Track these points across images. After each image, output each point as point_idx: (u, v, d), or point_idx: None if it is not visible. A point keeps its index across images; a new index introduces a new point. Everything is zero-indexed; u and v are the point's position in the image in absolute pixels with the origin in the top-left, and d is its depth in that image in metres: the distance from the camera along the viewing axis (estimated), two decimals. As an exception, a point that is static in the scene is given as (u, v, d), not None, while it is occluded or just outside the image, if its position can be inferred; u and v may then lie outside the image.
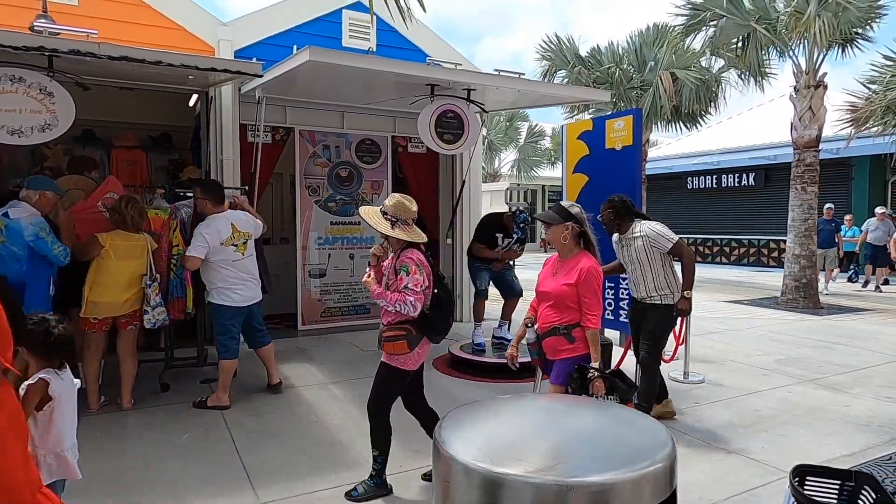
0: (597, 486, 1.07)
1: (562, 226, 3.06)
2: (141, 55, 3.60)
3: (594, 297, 2.97)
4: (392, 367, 3.15)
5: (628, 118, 5.94)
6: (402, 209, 3.09)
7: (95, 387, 4.33)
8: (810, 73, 9.56)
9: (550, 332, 3.07)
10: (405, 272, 2.99)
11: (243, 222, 4.51)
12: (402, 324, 3.05)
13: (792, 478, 1.81)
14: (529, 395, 1.56)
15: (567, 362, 3.04)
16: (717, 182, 16.84)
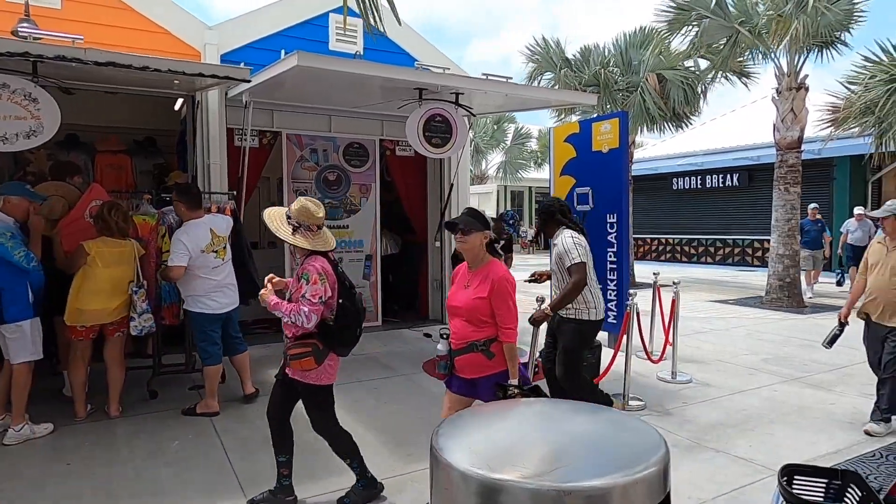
0: (593, 491, 1.09)
1: (481, 234, 2.80)
2: (127, 60, 3.57)
3: (508, 308, 2.76)
4: (310, 385, 3.02)
5: (615, 121, 5.99)
6: (305, 214, 2.91)
7: (82, 395, 4.28)
8: (791, 75, 9.71)
9: (467, 349, 2.83)
10: (305, 281, 2.84)
11: (222, 227, 4.45)
12: (308, 339, 2.90)
13: (780, 477, 1.84)
14: (523, 401, 1.58)
15: (492, 380, 2.81)
16: (702, 183, 17.01)
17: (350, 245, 7.54)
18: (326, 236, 3.02)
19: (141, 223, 4.48)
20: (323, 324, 2.92)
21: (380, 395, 4.94)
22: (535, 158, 23.39)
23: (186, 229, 4.24)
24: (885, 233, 4.25)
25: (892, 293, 4.09)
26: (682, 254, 17.80)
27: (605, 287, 5.94)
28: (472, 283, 2.84)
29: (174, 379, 5.08)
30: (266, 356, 6.05)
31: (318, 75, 4.69)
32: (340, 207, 7.46)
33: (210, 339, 4.40)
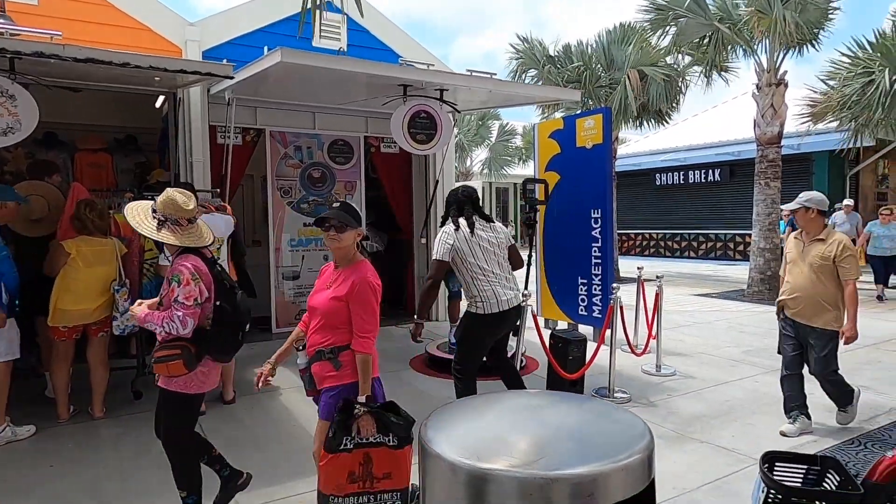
0: (579, 478, 1.11)
1: (355, 231, 2.55)
2: (108, 57, 3.52)
3: (367, 313, 2.48)
4: (173, 392, 2.67)
5: (598, 117, 6.04)
6: (172, 207, 2.60)
7: (65, 396, 4.23)
8: (771, 71, 9.84)
9: (316, 357, 2.56)
10: (177, 283, 2.54)
11: (220, 227, 4.44)
12: (177, 341, 2.58)
13: (762, 464, 1.88)
14: (510, 393, 1.60)
15: (332, 393, 2.55)
16: (685, 178, 17.20)
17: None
18: (201, 231, 2.72)
19: (123, 222, 4.41)
20: (198, 328, 2.61)
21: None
22: (519, 155, 23.46)
23: None
24: (799, 226, 4.03)
25: (814, 291, 3.84)
26: (666, 248, 17.99)
27: (589, 281, 6.00)
28: (335, 284, 2.56)
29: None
30: (250, 355, 6.00)
31: (301, 72, 4.67)
32: (325, 205, 7.43)
33: None
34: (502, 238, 3.84)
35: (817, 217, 3.87)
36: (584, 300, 6.10)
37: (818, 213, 3.86)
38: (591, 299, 6.02)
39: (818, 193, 3.96)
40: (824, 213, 3.89)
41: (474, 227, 3.73)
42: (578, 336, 4.78)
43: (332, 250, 2.61)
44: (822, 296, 3.81)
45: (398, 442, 2.49)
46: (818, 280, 3.82)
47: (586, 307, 6.07)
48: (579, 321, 6.23)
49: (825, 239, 3.84)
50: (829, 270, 3.79)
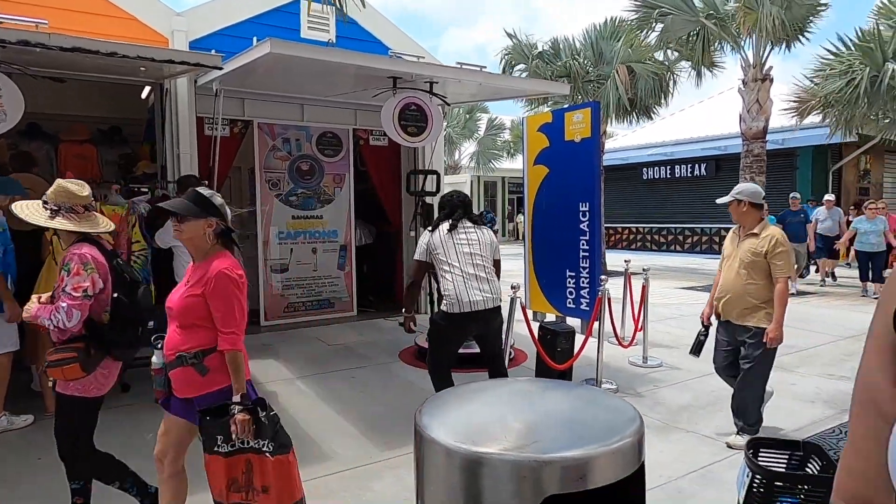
0: (570, 461, 1.14)
1: (203, 221, 2.30)
2: (95, 46, 3.48)
3: (229, 308, 2.26)
4: (70, 397, 2.52)
5: (586, 111, 6.07)
6: (64, 195, 2.49)
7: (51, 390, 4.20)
8: (757, 66, 9.95)
9: (176, 362, 2.31)
10: (66, 272, 2.39)
11: None
12: (74, 341, 2.42)
13: (747, 450, 1.93)
14: (504, 380, 1.62)
15: (206, 400, 2.32)
16: (671, 172, 17.34)
17: (324, 235, 7.50)
18: (98, 219, 2.59)
19: (110, 214, 4.38)
20: (93, 324, 2.46)
21: (356, 384, 4.96)
22: (507, 149, 23.51)
23: None
24: (734, 220, 3.82)
25: (743, 289, 3.62)
26: (653, 242, 18.14)
27: (577, 274, 6.05)
28: (192, 279, 2.35)
29: (147, 372, 5.00)
30: (240, 348, 6.00)
31: (290, 63, 4.64)
32: (314, 197, 7.41)
33: None
34: (486, 242, 3.83)
35: (749, 210, 3.66)
36: (571, 293, 6.14)
37: (750, 206, 3.66)
38: (578, 292, 6.06)
39: (751, 185, 3.80)
40: (757, 206, 3.67)
41: (455, 228, 3.75)
42: (567, 328, 4.83)
43: (182, 242, 2.43)
44: (752, 294, 3.58)
45: (273, 449, 2.26)
46: (749, 277, 3.59)
47: (574, 300, 6.12)
48: (567, 313, 6.28)
49: (759, 233, 3.62)
50: (760, 267, 3.57)
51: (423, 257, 3.80)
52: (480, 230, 3.85)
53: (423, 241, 3.81)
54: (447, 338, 3.82)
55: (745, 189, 3.73)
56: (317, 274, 7.44)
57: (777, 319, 3.51)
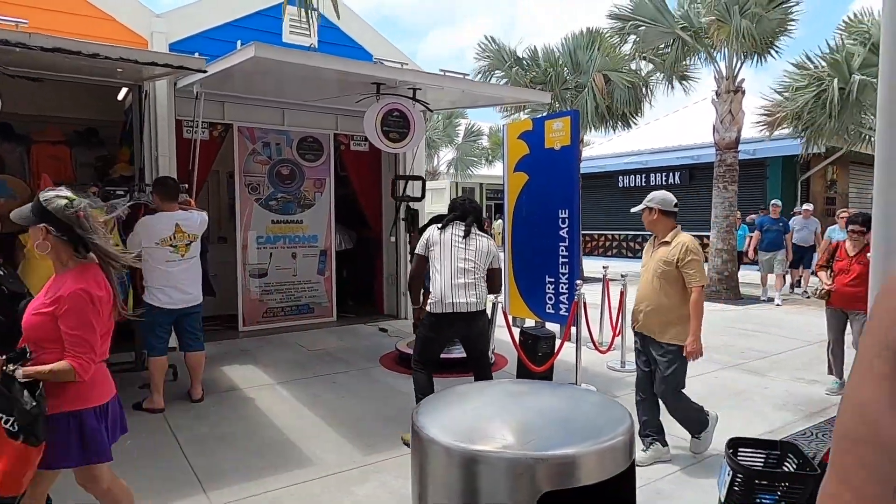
0: (565, 459, 1.17)
1: (39, 229, 2.11)
2: (76, 47, 3.43)
3: (78, 329, 2.06)
4: None
5: (566, 119, 6.16)
6: None
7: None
8: (730, 78, 10.22)
9: None
10: None
11: (194, 224, 4.41)
12: None
13: (727, 449, 1.99)
14: (493, 382, 1.65)
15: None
16: (647, 180, 17.64)
17: (304, 240, 7.47)
18: None
19: (88, 216, 4.32)
20: None
21: (338, 389, 4.95)
22: (486, 155, 23.64)
23: (147, 219, 4.31)
24: (646, 228, 3.71)
25: (657, 301, 3.46)
26: (628, 249, 18.41)
27: (556, 280, 6.12)
28: (49, 294, 2.15)
29: (124, 377, 4.92)
30: (217, 354, 5.94)
31: (273, 67, 4.63)
32: (294, 202, 7.38)
33: (153, 332, 4.36)
34: (483, 250, 3.88)
35: (660, 218, 3.55)
36: (551, 298, 6.21)
37: (661, 214, 3.54)
38: (558, 298, 6.13)
39: (662, 193, 3.67)
40: (669, 213, 3.56)
41: (465, 231, 3.85)
42: (547, 333, 4.89)
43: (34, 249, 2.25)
44: (665, 306, 3.43)
45: (16, 429, 1.98)
46: (661, 288, 3.45)
47: (553, 305, 6.19)
48: (546, 319, 6.35)
49: (670, 241, 3.48)
50: (672, 277, 3.41)
51: (422, 251, 3.90)
52: (480, 238, 3.92)
53: (426, 235, 3.92)
54: (427, 335, 3.89)
55: (656, 196, 3.62)
56: (296, 279, 7.40)
57: (694, 331, 3.37)
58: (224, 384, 5.06)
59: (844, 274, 4.88)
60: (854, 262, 4.84)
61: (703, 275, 3.41)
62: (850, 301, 4.81)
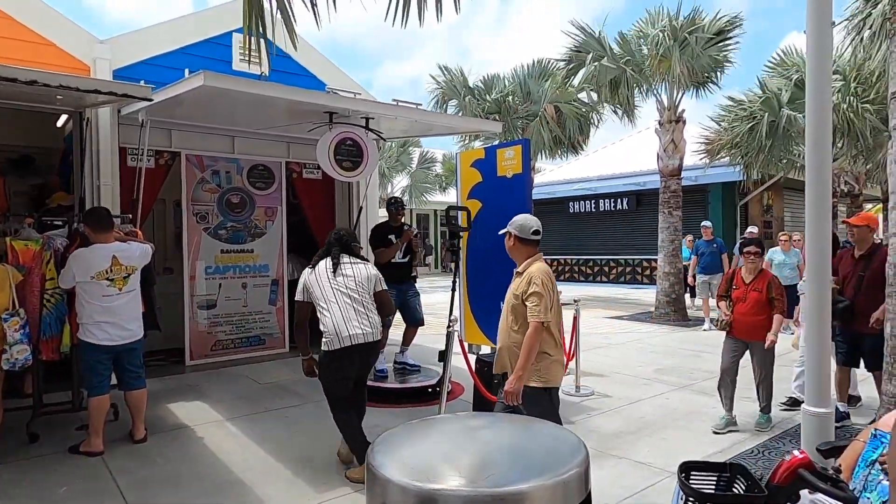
0: (522, 494, 1.17)
1: None
2: (11, 73, 3.29)
3: None
4: None
5: (518, 147, 6.29)
6: None
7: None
8: (671, 109, 10.70)
9: None
10: None
11: (128, 255, 4.21)
12: None
13: (679, 474, 2.03)
14: (450, 416, 1.63)
15: None
16: (595, 206, 18.13)
17: (255, 269, 7.30)
18: None
19: (22, 249, 4.10)
20: None
21: (290, 424, 4.80)
22: (439, 182, 23.84)
23: (81, 252, 4.08)
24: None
25: (509, 339, 3.14)
26: (580, 273, 18.78)
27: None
28: None
29: (59, 419, 4.64)
30: (162, 390, 5.69)
31: (223, 95, 4.57)
32: (244, 231, 7.22)
33: (93, 370, 4.11)
34: (364, 276, 3.79)
35: (517, 245, 3.21)
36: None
37: (517, 241, 3.20)
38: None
39: (524, 217, 3.28)
40: (525, 241, 3.19)
41: (333, 264, 3.75)
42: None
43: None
44: (516, 344, 3.06)
45: None
46: (513, 324, 3.12)
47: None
48: (502, 345, 6.37)
49: (522, 273, 3.15)
50: (521, 312, 3.06)
51: (302, 297, 3.78)
52: (356, 265, 3.82)
53: (301, 281, 3.80)
54: (331, 375, 3.77)
55: (516, 221, 3.25)
56: (247, 309, 7.21)
57: (517, 369, 2.97)
58: (169, 422, 4.83)
59: (742, 303, 4.66)
60: (750, 289, 4.64)
61: (546, 311, 2.97)
62: (749, 331, 4.62)
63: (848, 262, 4.77)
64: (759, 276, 4.68)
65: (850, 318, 4.60)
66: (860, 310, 4.53)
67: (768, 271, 4.94)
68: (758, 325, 4.55)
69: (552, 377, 3.14)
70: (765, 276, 4.69)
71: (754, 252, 4.73)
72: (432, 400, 5.24)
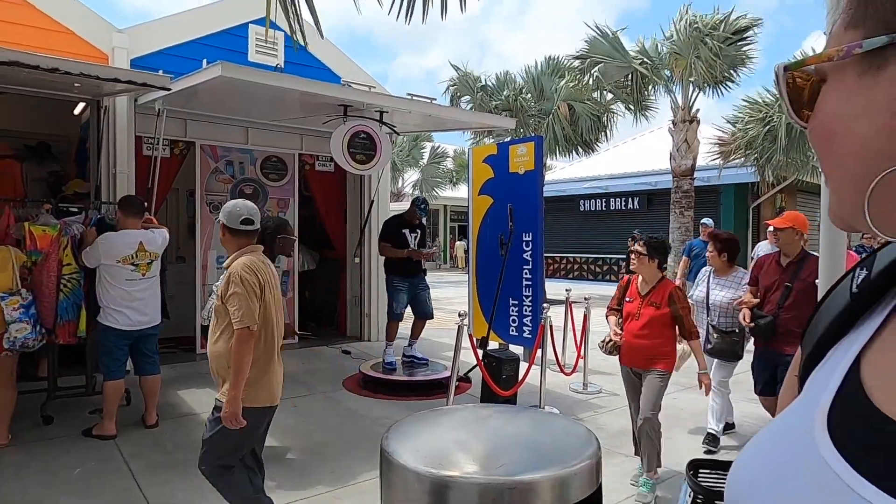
0: (535, 483, 1.18)
1: None
2: (34, 61, 3.34)
3: None
4: None
5: (530, 144, 6.29)
6: None
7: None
8: (685, 109, 10.64)
9: None
10: None
11: (157, 243, 4.32)
12: None
13: (688, 471, 2.04)
14: (460, 407, 1.65)
15: None
16: (606, 205, 18.07)
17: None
18: None
19: (40, 234, 4.16)
20: None
21: (299, 414, 4.84)
22: (450, 177, 23.85)
23: (109, 235, 4.20)
24: None
25: (213, 349, 2.75)
26: (589, 272, 18.74)
27: (520, 303, 6.18)
28: None
29: (73, 403, 4.71)
30: (173, 377, 5.76)
31: (239, 86, 4.60)
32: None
33: (111, 355, 4.20)
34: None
35: (227, 238, 2.81)
36: (514, 321, 6.26)
37: (227, 232, 2.79)
38: (521, 320, 6.18)
39: (232, 203, 2.86)
40: (234, 231, 2.77)
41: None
42: (511, 355, 4.92)
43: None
44: (219, 353, 2.70)
45: None
46: (215, 328, 2.74)
47: (517, 328, 6.23)
48: (510, 341, 6.39)
49: (227, 268, 2.73)
50: (225, 315, 2.65)
51: None
52: None
53: None
54: None
55: (224, 208, 2.82)
56: (257, 300, 7.26)
57: (230, 390, 2.55)
58: (180, 409, 4.89)
59: (634, 320, 3.57)
60: (646, 303, 3.54)
61: (250, 314, 2.55)
62: (639, 358, 3.56)
63: (772, 271, 3.96)
64: (658, 287, 3.54)
65: (771, 337, 3.82)
66: (784, 329, 3.75)
67: (671, 281, 3.71)
68: (651, 353, 3.49)
69: (258, 396, 2.68)
70: (666, 286, 3.56)
71: (640, 252, 3.57)
72: (440, 393, 5.27)
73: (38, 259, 4.16)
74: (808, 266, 3.76)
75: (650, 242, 3.58)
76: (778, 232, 4.10)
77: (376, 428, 4.59)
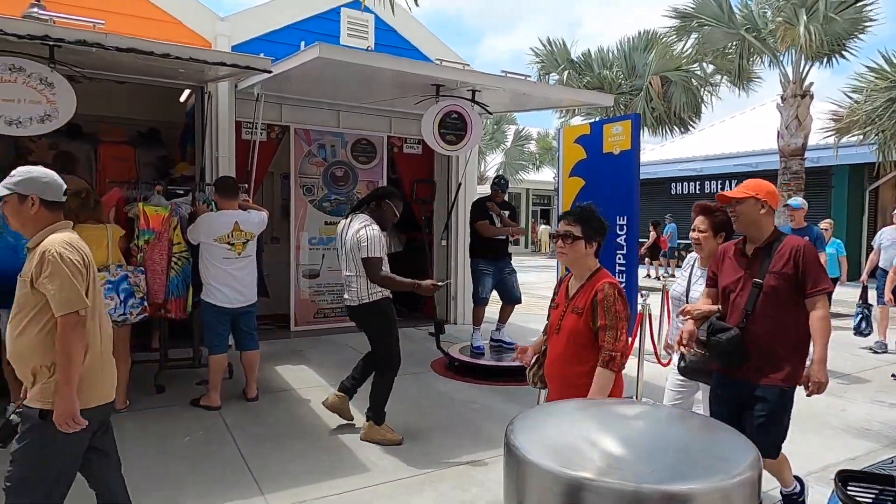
0: (693, 495, 1.05)
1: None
2: (149, 47, 3.48)
3: None
4: None
5: (627, 122, 5.95)
6: None
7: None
8: (797, 82, 9.75)
9: None
10: None
11: (253, 223, 4.46)
12: None
13: (837, 482, 1.82)
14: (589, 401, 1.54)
15: None
16: (700, 188, 17.09)
17: (355, 242, 7.47)
18: None
19: (153, 214, 4.40)
20: None
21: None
22: (533, 160, 23.41)
23: (209, 214, 4.43)
24: None
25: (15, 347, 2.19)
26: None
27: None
28: None
29: (182, 374, 5.00)
30: (269, 353, 5.97)
31: (335, 68, 4.62)
32: (347, 204, 7.38)
33: (213, 330, 4.41)
34: (347, 240, 3.85)
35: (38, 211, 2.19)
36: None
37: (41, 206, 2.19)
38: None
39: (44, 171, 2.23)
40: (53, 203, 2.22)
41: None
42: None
43: None
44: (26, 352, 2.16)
45: None
46: (21, 319, 2.19)
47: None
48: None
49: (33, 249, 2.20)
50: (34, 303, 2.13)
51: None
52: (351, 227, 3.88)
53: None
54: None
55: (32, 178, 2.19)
56: (347, 281, 7.41)
57: (59, 385, 2.06)
58: (277, 384, 5.07)
59: (555, 335, 2.55)
60: (569, 309, 2.49)
61: (77, 295, 2.07)
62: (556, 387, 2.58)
63: (735, 264, 2.71)
64: (587, 284, 2.47)
65: (739, 359, 2.57)
66: (755, 345, 2.54)
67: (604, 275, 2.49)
68: (569, 380, 2.44)
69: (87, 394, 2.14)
70: (594, 282, 2.44)
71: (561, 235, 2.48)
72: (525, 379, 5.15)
73: (150, 238, 4.40)
74: (781, 251, 2.56)
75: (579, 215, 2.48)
76: (737, 206, 2.69)
77: (465, 411, 4.54)
